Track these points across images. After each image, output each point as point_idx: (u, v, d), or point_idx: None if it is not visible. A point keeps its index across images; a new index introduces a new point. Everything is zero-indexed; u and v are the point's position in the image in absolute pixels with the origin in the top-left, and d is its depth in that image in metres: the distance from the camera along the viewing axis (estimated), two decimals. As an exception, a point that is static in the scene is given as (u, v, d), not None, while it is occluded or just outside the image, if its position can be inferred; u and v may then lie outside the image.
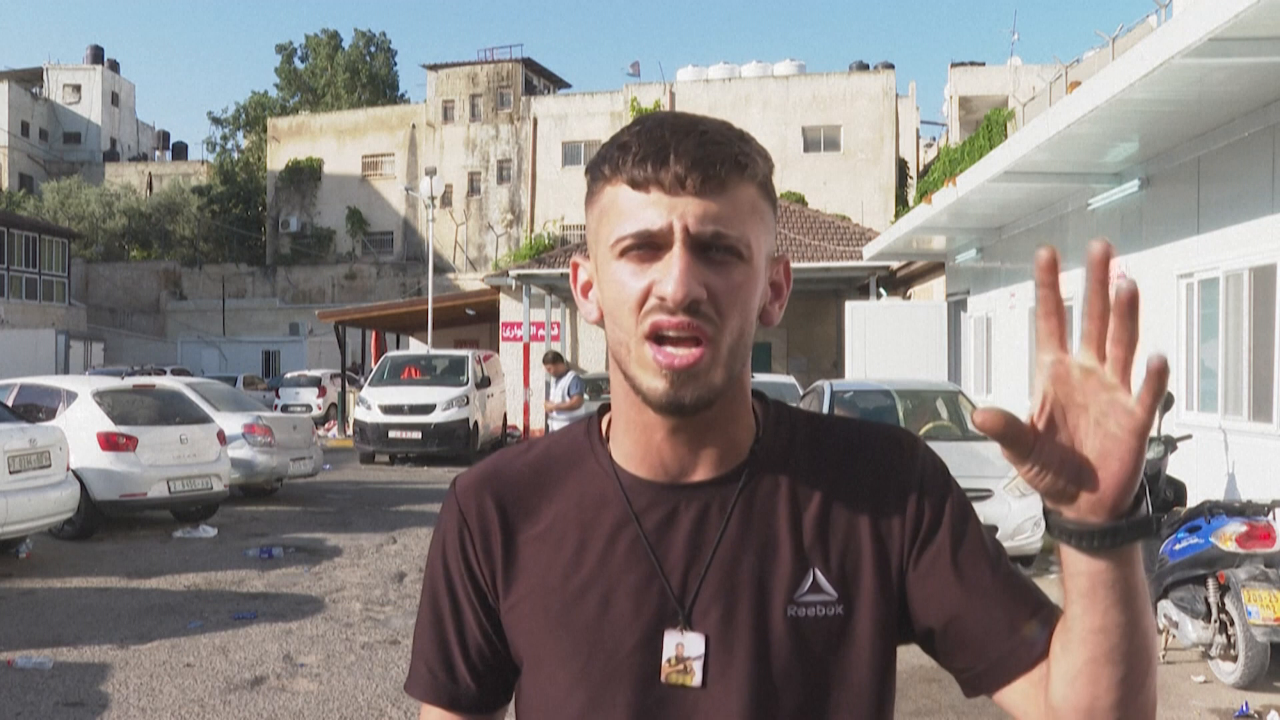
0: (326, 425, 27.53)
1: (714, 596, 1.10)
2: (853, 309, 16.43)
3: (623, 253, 1.06)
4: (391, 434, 19.04)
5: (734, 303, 1.06)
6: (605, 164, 1.09)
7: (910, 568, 1.12)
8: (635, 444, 1.13)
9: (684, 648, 1.09)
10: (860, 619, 1.11)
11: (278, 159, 50.84)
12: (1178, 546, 6.39)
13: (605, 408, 1.21)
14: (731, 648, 1.09)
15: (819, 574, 1.11)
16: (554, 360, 12.80)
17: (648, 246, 1.05)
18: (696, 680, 1.09)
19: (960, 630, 1.10)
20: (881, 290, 20.86)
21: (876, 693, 1.14)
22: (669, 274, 1.03)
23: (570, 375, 12.59)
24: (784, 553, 1.11)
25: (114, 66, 66.30)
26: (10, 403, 11.03)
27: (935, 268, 17.95)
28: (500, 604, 1.17)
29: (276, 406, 27.20)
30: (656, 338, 1.04)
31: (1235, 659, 5.95)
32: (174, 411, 12.11)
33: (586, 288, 1.16)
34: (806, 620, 1.09)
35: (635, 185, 1.06)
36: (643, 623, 1.10)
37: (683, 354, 1.03)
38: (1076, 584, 0.96)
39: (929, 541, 1.12)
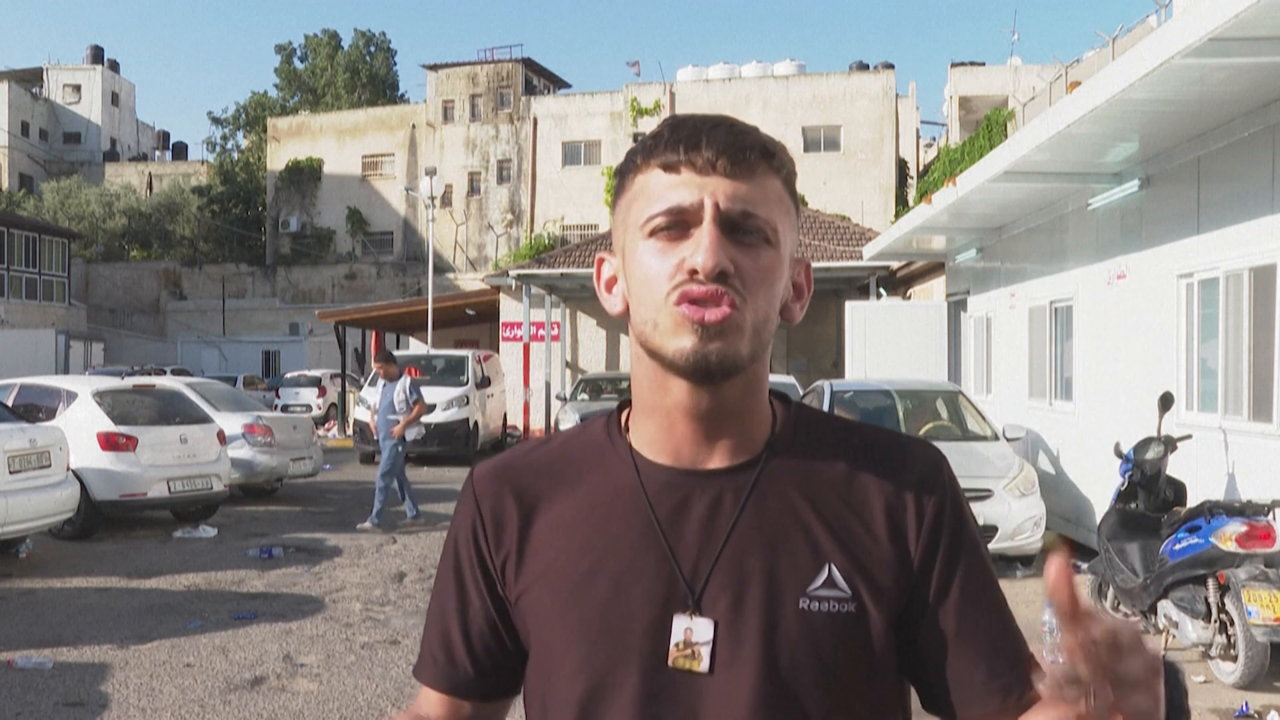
0: (326, 425, 27.52)
1: (725, 584, 1.10)
2: (853, 309, 16.42)
3: (652, 232, 1.09)
4: (391, 434, 18.99)
5: (760, 283, 1.08)
6: (637, 155, 1.13)
7: (919, 582, 1.13)
8: (658, 428, 1.14)
9: (692, 632, 1.09)
10: (874, 618, 1.11)
11: (278, 159, 50.83)
12: (1178, 546, 6.39)
13: (624, 403, 1.22)
14: (740, 636, 1.09)
15: (834, 570, 1.11)
16: (386, 360, 11.72)
17: (678, 225, 1.08)
18: (704, 666, 1.09)
19: (938, 659, 1.13)
20: (881, 290, 20.86)
21: (888, 692, 1.14)
22: (699, 246, 1.06)
23: (406, 379, 11.62)
24: (798, 546, 1.11)
25: (114, 66, 66.28)
26: (10, 403, 11.03)
27: (935, 268, 17.94)
28: (511, 591, 1.17)
29: (276, 406, 27.20)
30: (685, 301, 1.06)
31: (1235, 659, 5.95)
32: (174, 411, 12.11)
33: (611, 282, 1.18)
34: (818, 615, 1.10)
35: (667, 168, 1.09)
36: (652, 607, 1.10)
37: (712, 310, 1.06)
38: None
39: (945, 565, 1.13)
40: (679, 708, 1.09)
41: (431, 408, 18.79)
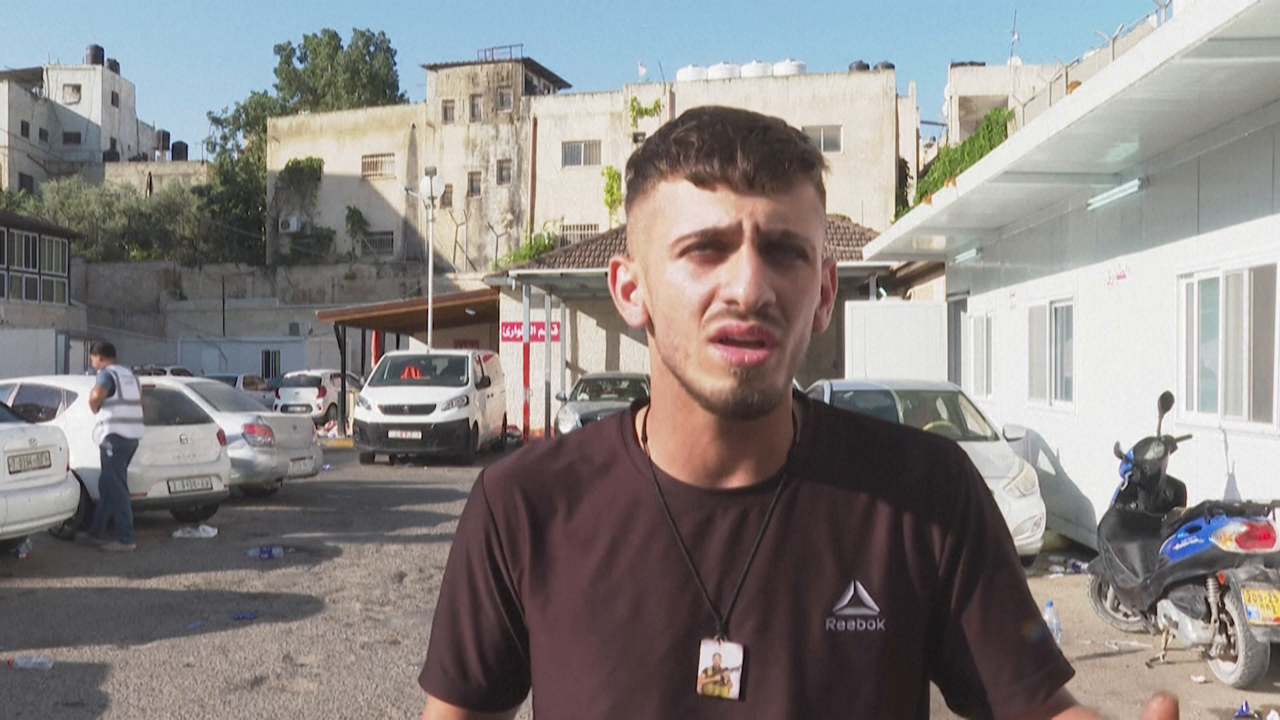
0: (326, 425, 27.53)
1: (751, 606, 1.07)
2: (853, 309, 16.43)
3: (683, 252, 1.01)
4: (391, 434, 19.04)
5: (800, 306, 1.03)
6: (662, 159, 1.03)
7: (945, 584, 1.11)
8: (680, 446, 1.10)
9: (721, 658, 1.06)
10: (902, 634, 1.08)
11: (278, 159, 50.83)
12: (1178, 546, 6.39)
13: (636, 406, 1.18)
14: (768, 661, 1.06)
15: (860, 587, 1.08)
16: (103, 353, 10.77)
17: (712, 246, 1.00)
18: (733, 692, 1.06)
19: (965, 660, 1.11)
20: (881, 290, 20.88)
21: (914, 703, 1.13)
22: (739, 276, 0.99)
23: (109, 368, 10.60)
24: (824, 564, 1.08)
25: (114, 66, 66.29)
26: (10, 403, 11.02)
27: (935, 268, 17.95)
28: (526, 604, 1.14)
29: (276, 406, 27.21)
30: (722, 340, 1.00)
31: (1235, 659, 5.95)
32: (174, 411, 12.11)
33: (628, 289, 1.11)
34: (846, 634, 1.07)
35: (700, 182, 1.01)
36: (675, 630, 1.07)
37: (751, 352, 1.00)
38: None
39: (969, 565, 1.11)
40: None
41: (431, 408, 18.97)
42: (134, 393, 10.70)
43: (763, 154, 1.00)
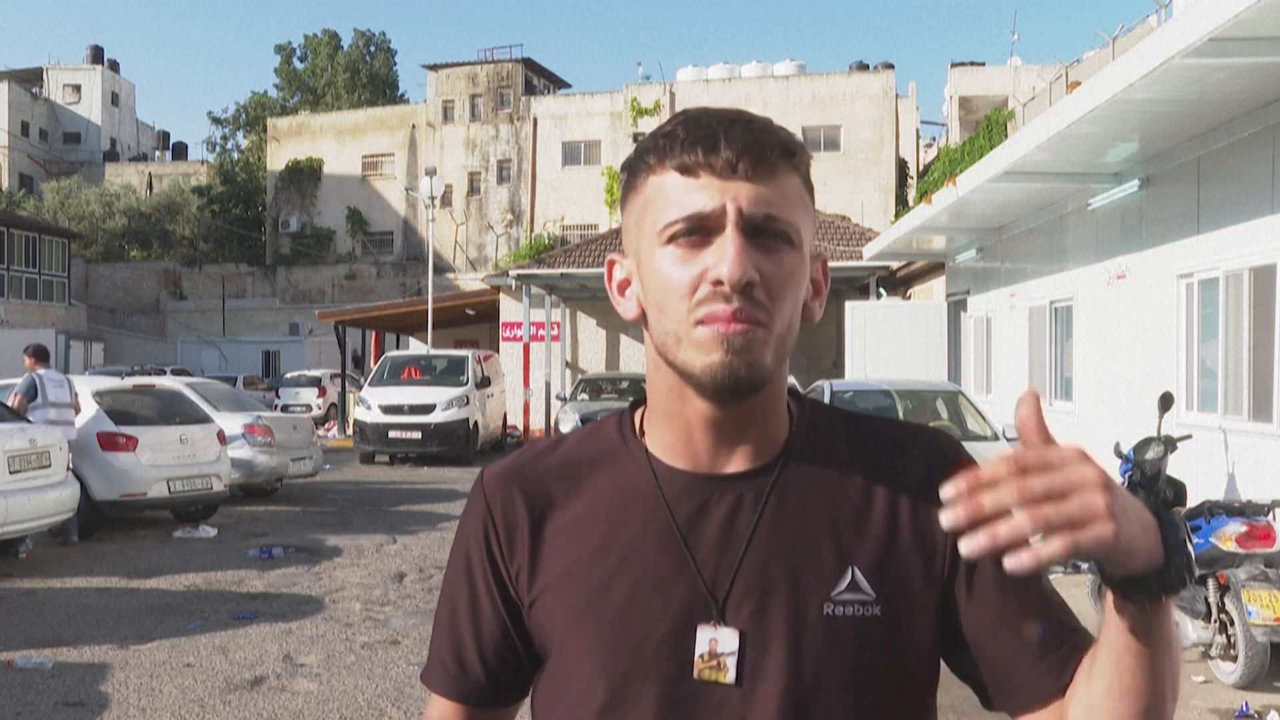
0: (326, 425, 27.53)
1: (747, 591, 1.08)
2: (853, 309, 16.44)
3: (671, 238, 1.05)
4: (391, 434, 19.05)
5: (785, 289, 1.05)
6: (650, 154, 1.08)
7: (950, 578, 1.10)
8: (676, 436, 1.12)
9: (717, 643, 1.07)
10: (900, 621, 1.08)
11: (278, 159, 50.82)
12: (1178, 546, 6.38)
13: (636, 403, 1.20)
14: (765, 645, 1.07)
15: (858, 572, 1.08)
16: (35, 355, 10.60)
17: (698, 231, 1.04)
18: (730, 676, 1.07)
19: (987, 649, 1.10)
20: (881, 290, 20.88)
21: (917, 696, 1.12)
22: (723, 256, 1.02)
23: (36, 373, 10.44)
24: (821, 549, 1.09)
25: (114, 66, 66.29)
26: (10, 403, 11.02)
27: (935, 268, 17.96)
28: (524, 597, 1.15)
29: (276, 406, 27.19)
30: (709, 320, 1.03)
31: (1235, 659, 5.95)
32: (174, 411, 12.11)
33: (623, 285, 1.14)
34: (844, 619, 1.07)
35: (685, 171, 1.05)
36: (672, 615, 1.08)
37: (738, 324, 1.02)
38: (1104, 614, 0.97)
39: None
40: (701, 719, 1.07)
41: (431, 408, 18.97)
42: (62, 395, 10.63)
43: (745, 142, 1.04)
